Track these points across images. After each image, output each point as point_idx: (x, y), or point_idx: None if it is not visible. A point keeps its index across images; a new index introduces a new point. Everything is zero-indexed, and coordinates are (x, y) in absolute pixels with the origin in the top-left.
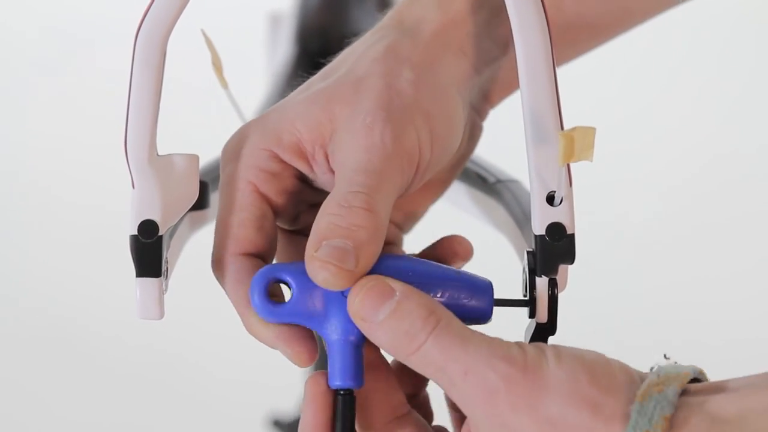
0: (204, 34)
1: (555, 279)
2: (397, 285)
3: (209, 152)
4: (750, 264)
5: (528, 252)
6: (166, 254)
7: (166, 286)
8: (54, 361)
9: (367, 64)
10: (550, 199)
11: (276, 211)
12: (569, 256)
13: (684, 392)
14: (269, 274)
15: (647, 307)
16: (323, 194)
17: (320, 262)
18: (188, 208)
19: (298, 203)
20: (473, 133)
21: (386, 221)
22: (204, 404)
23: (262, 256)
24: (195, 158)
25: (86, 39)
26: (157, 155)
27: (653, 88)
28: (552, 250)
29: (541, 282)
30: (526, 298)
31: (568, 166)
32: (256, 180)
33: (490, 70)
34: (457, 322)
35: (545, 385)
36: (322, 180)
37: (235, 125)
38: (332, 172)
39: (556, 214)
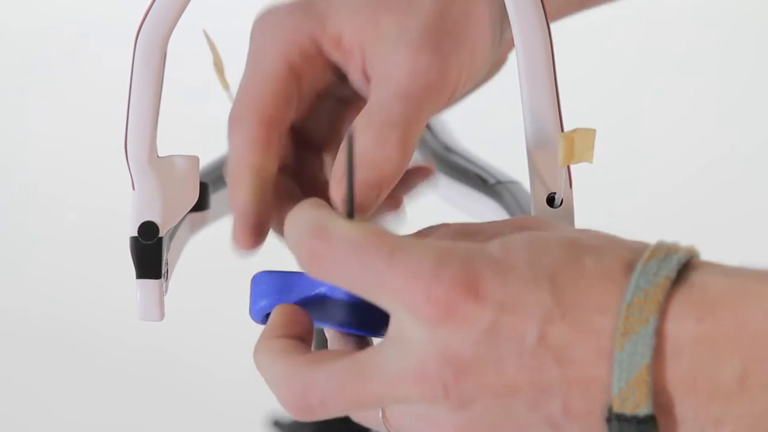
0: (206, 35)
1: None
2: None
3: (209, 153)
4: (750, 264)
5: None
6: (167, 256)
7: (167, 287)
8: (54, 361)
9: None
10: (551, 201)
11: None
12: None
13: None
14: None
15: None
16: (337, 88)
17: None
18: (188, 210)
19: (311, 91)
20: (496, 67)
21: (413, 151)
22: (204, 404)
23: (279, 134)
24: (195, 159)
25: (86, 39)
26: (158, 156)
27: (651, 89)
28: None
29: None
30: None
31: (568, 167)
32: (293, 56)
33: None
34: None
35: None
36: (353, 80)
37: None
38: (365, 77)
39: (556, 216)
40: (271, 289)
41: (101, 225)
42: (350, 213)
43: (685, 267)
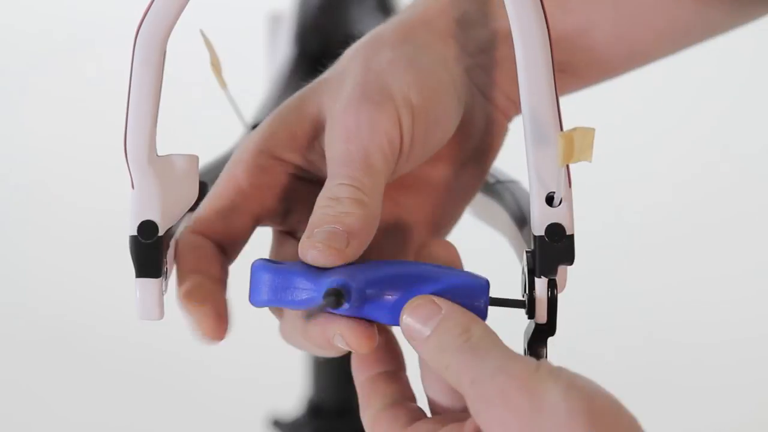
0: (203, 35)
1: (554, 280)
2: (443, 303)
3: (208, 153)
4: (749, 263)
5: (527, 252)
6: (166, 255)
7: (166, 286)
8: (54, 361)
9: (352, 51)
10: (550, 200)
11: (262, 207)
12: (568, 257)
13: None
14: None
15: (645, 307)
16: (316, 190)
17: (310, 242)
18: (188, 209)
19: (289, 200)
20: (490, 129)
21: (377, 207)
22: (204, 404)
23: (219, 244)
24: (195, 159)
25: (86, 39)
26: (157, 156)
27: (650, 88)
28: (551, 251)
29: (541, 283)
30: (522, 299)
31: (568, 166)
32: (242, 173)
33: (489, 59)
34: (488, 337)
35: (539, 408)
36: (324, 171)
37: (234, 125)
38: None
39: (555, 215)
40: (272, 286)
41: (100, 225)
42: None
43: None
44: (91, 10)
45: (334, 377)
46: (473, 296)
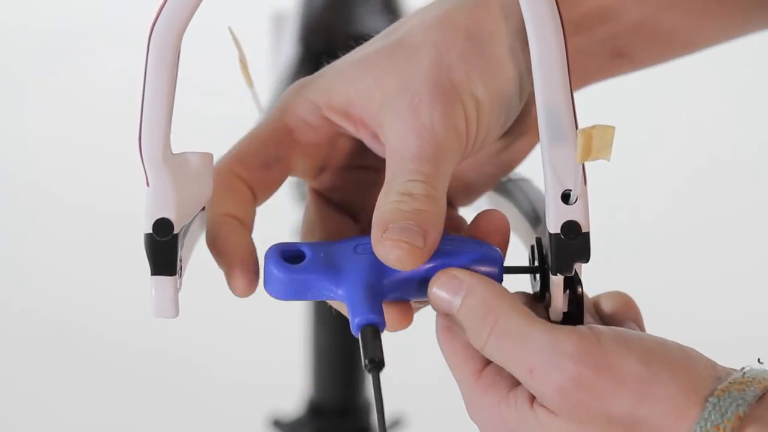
0: (231, 32)
1: (579, 277)
2: (465, 277)
3: (220, 151)
4: (750, 263)
5: (532, 246)
6: (181, 252)
7: (180, 284)
8: (54, 361)
9: (422, 32)
10: (566, 198)
11: (300, 158)
12: (584, 255)
13: (764, 396)
14: (282, 246)
15: (644, 306)
16: (354, 151)
17: (391, 242)
18: (202, 207)
19: (327, 157)
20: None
21: (445, 203)
22: (204, 404)
23: (252, 188)
24: (209, 156)
25: (86, 39)
26: (171, 153)
27: (653, 86)
28: (567, 249)
29: (556, 280)
30: (534, 266)
31: (583, 164)
32: (290, 121)
33: None
34: (517, 317)
35: (621, 381)
36: (371, 146)
37: (248, 124)
38: (380, 142)
39: (571, 213)
40: (286, 288)
41: (100, 225)
42: None
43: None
44: (91, 9)
45: (334, 377)
46: (486, 265)
